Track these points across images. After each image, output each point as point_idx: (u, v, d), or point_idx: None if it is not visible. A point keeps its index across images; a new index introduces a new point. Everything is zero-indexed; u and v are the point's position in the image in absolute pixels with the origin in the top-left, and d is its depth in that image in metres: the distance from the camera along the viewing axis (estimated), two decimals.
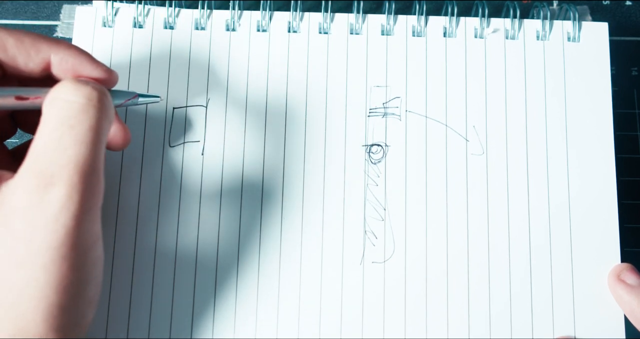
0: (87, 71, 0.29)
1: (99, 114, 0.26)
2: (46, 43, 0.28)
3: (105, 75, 0.29)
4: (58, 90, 0.26)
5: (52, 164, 0.24)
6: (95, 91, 0.26)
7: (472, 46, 0.37)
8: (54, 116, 0.25)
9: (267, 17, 0.37)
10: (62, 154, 0.24)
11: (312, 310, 0.34)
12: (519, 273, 0.34)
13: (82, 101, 0.26)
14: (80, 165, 0.25)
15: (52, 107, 0.26)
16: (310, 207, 0.35)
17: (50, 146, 0.25)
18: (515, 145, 0.36)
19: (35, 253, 0.24)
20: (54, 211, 0.24)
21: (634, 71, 0.41)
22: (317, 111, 0.36)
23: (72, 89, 0.26)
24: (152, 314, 0.33)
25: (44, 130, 0.25)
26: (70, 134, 0.25)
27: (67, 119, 0.25)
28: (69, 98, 0.26)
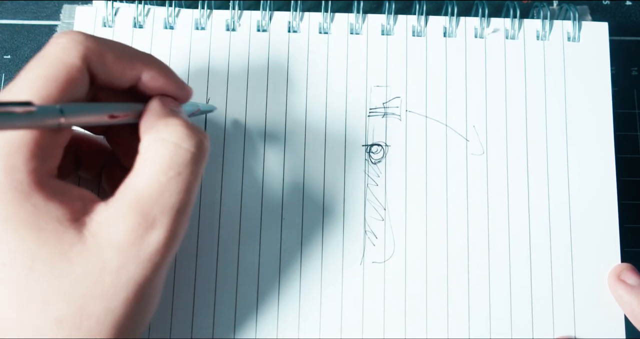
0: (172, 90, 0.29)
1: (204, 161, 0.27)
2: (140, 60, 0.28)
3: (184, 91, 0.30)
4: (169, 132, 0.26)
5: (155, 207, 0.25)
6: (204, 141, 0.27)
7: (472, 46, 0.37)
8: (163, 159, 0.26)
9: (267, 17, 0.37)
10: (168, 200, 0.25)
11: (312, 310, 0.34)
12: (519, 272, 0.34)
13: (193, 150, 0.26)
14: (181, 212, 0.26)
15: (161, 149, 0.26)
16: (310, 207, 0.35)
17: (155, 189, 0.25)
18: (516, 145, 0.36)
19: (121, 287, 0.25)
20: (150, 251, 0.25)
21: (634, 71, 0.41)
22: (317, 110, 0.36)
23: (186, 135, 0.26)
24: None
25: (150, 170, 0.25)
26: (177, 182, 0.25)
27: (177, 165, 0.26)
28: (182, 145, 0.26)
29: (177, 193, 0.25)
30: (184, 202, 0.26)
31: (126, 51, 0.28)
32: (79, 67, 0.26)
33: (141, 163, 0.26)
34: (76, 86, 0.26)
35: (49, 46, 0.26)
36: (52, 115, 0.23)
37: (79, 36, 0.26)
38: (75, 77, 0.25)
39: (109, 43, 0.27)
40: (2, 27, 0.41)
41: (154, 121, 0.27)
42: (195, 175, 0.26)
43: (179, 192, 0.26)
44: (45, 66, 0.25)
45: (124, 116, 0.27)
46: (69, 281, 0.24)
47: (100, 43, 0.27)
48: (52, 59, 0.25)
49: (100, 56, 0.27)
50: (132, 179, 0.26)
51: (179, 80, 0.30)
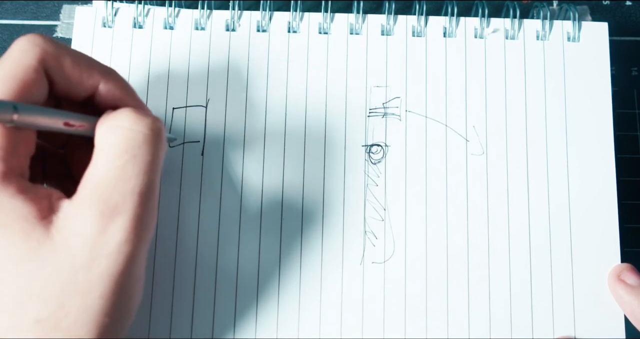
0: (128, 104, 0.29)
1: (159, 144, 0.27)
2: (99, 70, 0.28)
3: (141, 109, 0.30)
4: (120, 118, 0.26)
5: (115, 193, 0.25)
6: (156, 123, 0.27)
7: (472, 46, 0.37)
8: (116, 144, 0.25)
9: (267, 17, 0.37)
10: (127, 183, 0.25)
11: (312, 310, 0.34)
12: (519, 273, 0.34)
13: (146, 132, 0.26)
14: (143, 195, 0.25)
15: (113, 135, 0.26)
16: (310, 208, 0.35)
17: (112, 174, 0.25)
18: (515, 145, 0.36)
19: (95, 282, 0.24)
20: (118, 240, 0.24)
21: (634, 71, 0.41)
22: (317, 111, 0.36)
23: (135, 118, 0.26)
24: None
25: (104, 157, 0.25)
26: (134, 164, 0.25)
27: (131, 148, 0.25)
28: (133, 127, 0.26)
29: (136, 176, 0.25)
30: (145, 185, 0.25)
31: (84, 59, 0.28)
32: (35, 67, 0.26)
33: (97, 153, 0.26)
34: (33, 87, 0.26)
35: (9, 48, 0.27)
36: (5, 110, 0.23)
37: (37, 39, 0.26)
38: (32, 77, 0.26)
39: (68, 49, 0.27)
40: (2, 27, 0.41)
41: (103, 117, 0.27)
42: (153, 156, 0.26)
43: (137, 174, 0.25)
44: (2, 66, 0.26)
45: (80, 125, 0.27)
46: (41, 281, 0.24)
47: (58, 47, 0.27)
48: (10, 59, 0.26)
49: (58, 60, 0.27)
50: (90, 170, 0.26)
51: (138, 98, 0.30)
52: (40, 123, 0.25)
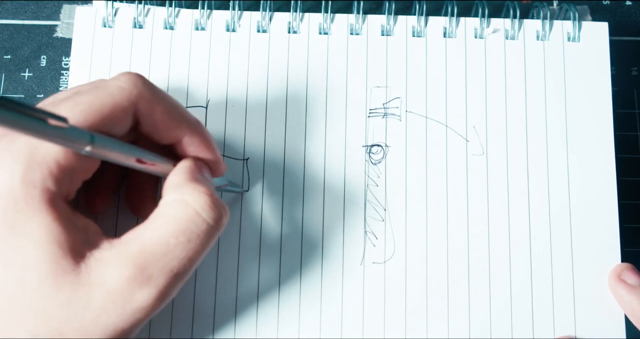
0: (205, 155, 0.29)
1: (216, 237, 0.27)
2: (187, 123, 0.28)
3: (219, 165, 0.30)
4: (195, 197, 0.26)
5: (156, 265, 0.25)
6: (225, 218, 0.27)
7: (472, 46, 0.37)
8: (179, 222, 0.26)
9: (267, 18, 0.37)
10: (169, 262, 0.25)
11: (312, 310, 0.34)
12: (519, 272, 0.34)
13: (212, 224, 0.26)
14: (178, 277, 0.26)
15: (180, 211, 0.26)
16: (311, 208, 0.35)
17: (161, 248, 0.25)
18: (516, 145, 0.36)
19: (98, 329, 0.25)
20: (137, 307, 0.25)
21: (634, 71, 0.41)
22: (318, 111, 0.36)
23: (209, 206, 0.26)
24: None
25: (162, 227, 0.26)
26: (185, 248, 0.25)
27: (190, 233, 0.26)
28: (202, 214, 0.26)
29: (181, 259, 0.25)
30: (184, 270, 0.26)
31: (177, 110, 0.28)
32: (125, 107, 0.26)
33: (157, 218, 0.26)
34: (116, 124, 0.26)
35: (111, 80, 0.27)
36: (82, 139, 0.23)
37: (138, 80, 0.27)
38: (118, 115, 0.26)
39: (164, 96, 0.28)
40: (2, 27, 0.41)
41: (182, 180, 0.27)
42: (204, 247, 0.26)
43: (183, 258, 0.26)
44: (94, 95, 0.26)
45: (152, 164, 0.27)
46: (51, 304, 0.24)
47: (155, 93, 0.27)
48: (104, 92, 0.26)
49: (150, 106, 0.27)
50: (142, 230, 0.26)
51: (217, 154, 0.30)
52: (112, 157, 0.25)
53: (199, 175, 0.28)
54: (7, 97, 0.20)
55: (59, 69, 0.41)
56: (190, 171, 0.28)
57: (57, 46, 0.41)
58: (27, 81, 0.40)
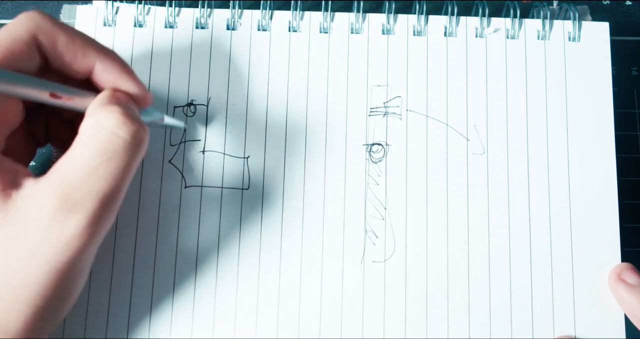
0: (126, 86, 0.29)
1: (138, 153, 0.27)
2: (94, 49, 0.28)
3: (142, 94, 0.30)
4: (105, 118, 0.26)
5: (80, 190, 0.25)
6: (140, 132, 0.27)
7: (473, 46, 0.37)
8: (95, 143, 0.26)
9: (268, 16, 0.37)
10: (93, 185, 0.25)
11: (312, 309, 0.34)
12: (519, 272, 0.34)
13: (127, 139, 0.26)
14: (106, 198, 0.26)
15: (95, 133, 0.26)
16: (311, 206, 0.35)
17: (83, 173, 0.25)
18: (516, 144, 0.36)
19: (38, 268, 0.25)
20: (68, 236, 0.25)
21: (634, 71, 0.41)
22: (318, 110, 0.36)
23: (121, 122, 0.26)
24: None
25: (80, 153, 0.26)
26: (107, 168, 0.25)
27: (108, 152, 0.26)
28: (116, 131, 0.26)
29: (104, 178, 0.25)
30: (110, 190, 0.26)
31: (80, 38, 0.28)
32: (24, 39, 0.26)
33: (75, 146, 0.26)
34: (20, 58, 0.26)
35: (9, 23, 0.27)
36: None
37: (35, 14, 0.27)
38: (19, 48, 0.26)
39: (64, 27, 0.28)
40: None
41: (96, 105, 0.27)
42: (127, 164, 0.26)
43: (106, 177, 0.25)
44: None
45: (68, 98, 0.27)
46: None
47: (54, 24, 0.27)
48: (2, 30, 0.27)
49: (51, 36, 0.27)
50: (63, 160, 0.26)
51: (137, 80, 0.30)
52: (24, 93, 0.25)
53: (114, 99, 0.28)
54: None
55: None
56: (103, 98, 0.28)
57: None
58: None
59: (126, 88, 0.29)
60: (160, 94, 0.36)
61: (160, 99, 0.36)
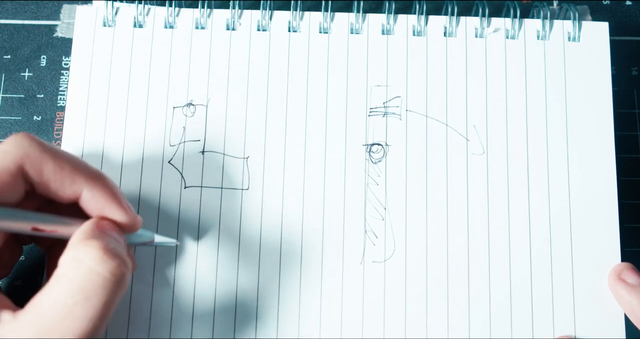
0: (114, 214, 0.28)
1: (118, 291, 0.26)
2: (83, 176, 0.27)
3: (131, 222, 0.29)
4: (84, 253, 0.25)
5: (56, 330, 0.24)
6: (120, 268, 0.26)
7: (473, 46, 0.37)
8: (72, 280, 0.25)
9: (267, 17, 0.37)
10: (70, 324, 0.24)
11: (312, 309, 0.34)
12: (519, 272, 0.34)
13: (106, 276, 0.25)
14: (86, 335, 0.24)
15: (73, 269, 0.25)
16: (311, 207, 0.35)
17: (59, 311, 0.24)
18: (516, 144, 0.36)
19: None
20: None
21: (634, 71, 0.41)
22: (318, 110, 0.36)
23: (100, 259, 0.25)
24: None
25: (57, 290, 0.25)
26: (84, 307, 0.24)
27: (86, 289, 0.24)
28: (94, 268, 0.25)
29: (82, 319, 0.24)
30: (88, 331, 0.24)
31: (69, 164, 0.27)
32: (11, 171, 0.25)
33: (53, 280, 0.25)
34: (5, 190, 0.25)
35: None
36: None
37: (23, 140, 0.26)
38: (6, 180, 0.25)
39: (53, 152, 0.27)
40: (2, 27, 0.41)
41: (76, 239, 0.26)
42: (105, 303, 0.25)
43: (84, 318, 0.24)
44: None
45: (51, 231, 0.26)
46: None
47: (42, 150, 0.26)
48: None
49: (39, 164, 0.26)
50: (40, 296, 0.25)
51: (125, 207, 0.28)
52: (4, 226, 0.24)
53: (97, 232, 0.27)
54: None
55: (59, 69, 0.41)
56: (86, 230, 0.27)
57: (57, 46, 0.41)
58: (27, 81, 0.40)
59: (113, 216, 0.28)
60: (160, 95, 0.36)
61: (159, 100, 0.36)
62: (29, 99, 0.40)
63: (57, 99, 0.40)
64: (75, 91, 0.36)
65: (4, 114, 0.40)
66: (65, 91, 0.40)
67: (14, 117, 0.40)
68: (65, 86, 0.40)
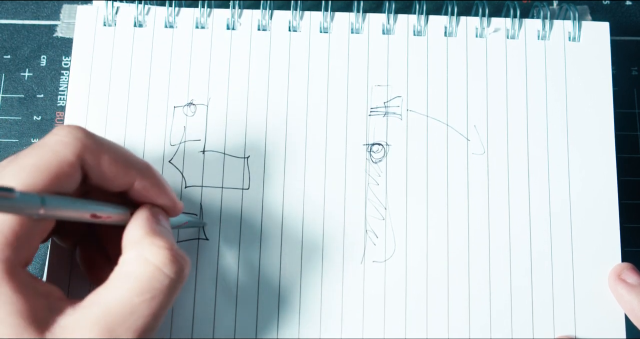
0: (161, 200, 0.29)
1: (179, 289, 0.27)
2: (135, 168, 0.28)
3: (174, 207, 0.30)
4: (151, 254, 0.26)
5: (122, 326, 0.24)
6: (186, 268, 0.27)
7: (473, 45, 0.37)
8: (140, 279, 0.25)
9: (268, 16, 0.37)
10: (136, 321, 0.25)
11: (312, 309, 0.34)
12: (519, 272, 0.34)
13: (173, 277, 0.26)
14: (147, 332, 0.25)
15: (142, 268, 0.25)
16: (311, 207, 0.35)
17: (126, 309, 0.25)
18: (516, 144, 0.36)
19: None
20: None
21: (634, 71, 0.42)
22: (318, 110, 0.36)
23: (167, 261, 0.26)
24: None
25: (123, 287, 0.25)
26: (150, 305, 0.25)
27: (153, 289, 0.25)
28: (163, 269, 0.25)
29: (146, 316, 0.25)
30: (151, 326, 0.25)
31: (123, 156, 0.28)
32: (71, 162, 0.25)
33: (118, 277, 0.25)
34: (65, 180, 0.25)
35: (48, 136, 0.26)
36: (32, 204, 0.23)
37: (79, 132, 0.26)
38: (66, 171, 0.25)
39: (108, 145, 0.27)
40: (2, 27, 0.41)
41: (140, 235, 0.27)
42: (169, 301, 0.26)
43: (149, 315, 0.25)
44: (38, 156, 0.25)
45: (107, 217, 0.27)
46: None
47: (98, 143, 0.27)
48: (47, 149, 0.25)
49: (96, 157, 0.26)
50: (104, 290, 0.25)
51: (171, 194, 0.29)
52: (66, 215, 0.25)
53: (157, 225, 0.27)
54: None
55: (59, 68, 0.41)
56: (147, 223, 0.27)
57: (57, 46, 0.41)
58: (27, 81, 0.40)
59: (161, 202, 0.29)
60: (160, 94, 0.36)
61: (160, 99, 0.36)
62: (29, 99, 0.40)
63: (57, 99, 0.40)
64: (76, 91, 0.36)
65: (3, 114, 0.40)
66: (65, 91, 0.40)
67: (14, 117, 0.40)
68: (65, 86, 0.40)
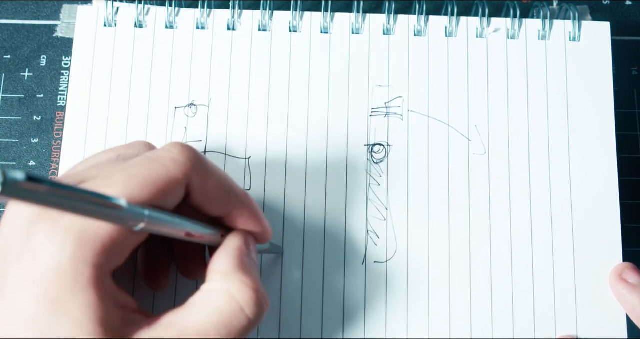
0: (253, 227, 0.29)
1: (255, 328, 0.27)
2: (236, 198, 0.28)
3: (265, 235, 0.30)
4: (238, 292, 0.26)
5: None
6: (266, 311, 0.27)
7: (474, 46, 0.37)
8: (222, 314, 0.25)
9: (268, 16, 0.37)
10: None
11: (314, 310, 0.34)
12: (520, 272, 0.34)
13: (253, 320, 0.26)
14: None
15: (225, 303, 0.25)
16: (313, 207, 0.35)
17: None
18: (517, 145, 0.36)
19: None
20: None
21: (634, 71, 0.42)
22: (319, 110, 0.36)
23: (252, 303, 0.26)
24: None
25: (205, 318, 0.25)
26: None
27: (231, 327, 0.25)
28: (245, 309, 0.26)
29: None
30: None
31: (226, 182, 0.28)
32: (179, 180, 0.26)
33: (199, 305, 0.26)
34: (169, 197, 0.26)
35: (160, 151, 0.26)
36: (137, 217, 0.23)
37: (191, 153, 0.26)
38: (172, 189, 0.25)
39: (214, 169, 0.27)
40: (2, 27, 0.41)
41: (229, 267, 0.27)
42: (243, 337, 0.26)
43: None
44: (149, 168, 0.25)
45: (200, 237, 0.27)
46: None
47: (206, 167, 0.27)
48: (159, 164, 0.25)
49: (202, 180, 0.26)
50: (183, 315, 0.25)
51: (265, 224, 0.29)
52: (163, 230, 0.25)
53: (247, 258, 0.28)
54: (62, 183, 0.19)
55: (59, 69, 0.41)
56: (238, 254, 0.27)
57: (57, 46, 0.41)
58: (27, 81, 0.40)
59: (253, 229, 0.29)
60: (161, 95, 0.36)
61: (161, 100, 0.36)
62: (29, 99, 0.40)
63: (57, 99, 0.40)
64: (76, 91, 0.36)
65: (4, 114, 0.40)
66: (65, 91, 0.40)
67: (14, 117, 0.40)
68: (65, 86, 0.40)
